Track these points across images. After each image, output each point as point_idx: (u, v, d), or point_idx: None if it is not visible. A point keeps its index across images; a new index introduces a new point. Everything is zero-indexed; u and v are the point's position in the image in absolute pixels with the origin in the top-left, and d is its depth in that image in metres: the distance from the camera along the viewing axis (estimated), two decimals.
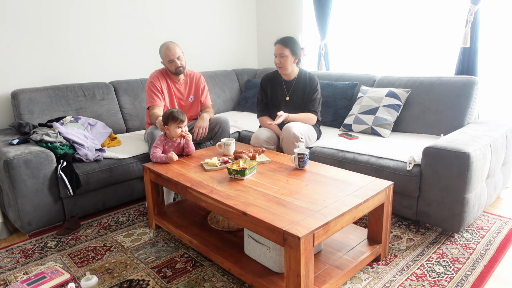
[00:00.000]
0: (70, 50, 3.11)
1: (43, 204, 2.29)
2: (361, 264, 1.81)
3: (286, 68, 2.66)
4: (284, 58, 2.62)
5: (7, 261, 2.08)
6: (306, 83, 2.71)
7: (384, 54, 3.44)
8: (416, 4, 3.13)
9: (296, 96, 2.73)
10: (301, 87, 2.72)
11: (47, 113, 2.81)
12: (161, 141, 2.34)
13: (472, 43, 2.73)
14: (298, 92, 2.73)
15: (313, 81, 2.72)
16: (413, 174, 2.13)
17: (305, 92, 2.71)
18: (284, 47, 2.61)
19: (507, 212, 2.42)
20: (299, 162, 2.07)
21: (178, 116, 2.29)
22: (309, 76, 2.73)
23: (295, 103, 2.73)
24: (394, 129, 2.85)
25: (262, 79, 2.85)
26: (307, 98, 2.72)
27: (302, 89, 2.72)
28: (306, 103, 2.72)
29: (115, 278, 1.88)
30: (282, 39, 2.65)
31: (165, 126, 2.32)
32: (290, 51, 2.61)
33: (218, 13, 4.09)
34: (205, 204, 1.82)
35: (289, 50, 2.61)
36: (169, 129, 2.31)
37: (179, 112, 2.31)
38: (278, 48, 2.63)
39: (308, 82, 2.71)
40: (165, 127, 2.32)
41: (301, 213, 1.55)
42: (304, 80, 2.72)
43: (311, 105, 2.71)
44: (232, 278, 1.84)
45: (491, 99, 2.85)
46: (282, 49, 2.61)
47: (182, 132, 2.32)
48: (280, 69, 2.69)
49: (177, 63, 2.70)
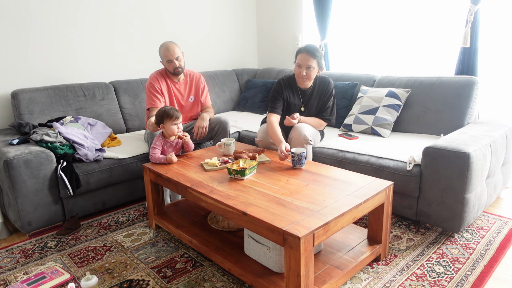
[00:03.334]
0: (70, 50, 3.11)
1: (43, 204, 2.29)
2: (361, 264, 1.81)
3: (311, 80, 2.48)
4: (311, 70, 2.40)
5: (7, 261, 2.08)
6: (321, 90, 2.56)
7: (384, 54, 3.44)
8: (416, 4, 3.13)
9: (311, 106, 2.59)
10: (317, 96, 2.57)
11: (47, 113, 2.81)
12: (159, 141, 2.33)
13: (472, 43, 2.73)
14: (314, 101, 2.58)
15: (328, 86, 2.55)
16: (413, 174, 2.13)
17: (320, 99, 2.58)
18: (312, 58, 2.37)
19: (507, 212, 2.42)
20: (292, 161, 2.08)
21: (172, 113, 2.28)
22: (325, 81, 2.56)
23: (309, 112, 2.60)
24: (394, 129, 2.85)
25: (280, 84, 2.57)
26: (321, 105, 2.59)
27: (319, 98, 2.58)
28: (320, 108, 2.59)
29: (115, 278, 1.88)
30: (309, 49, 2.38)
31: (161, 124, 2.32)
32: (317, 63, 2.40)
33: (218, 13, 4.09)
34: (205, 204, 1.82)
35: (317, 62, 2.39)
36: (165, 127, 2.31)
37: (173, 109, 2.31)
38: (305, 58, 2.37)
39: (323, 88, 2.56)
40: (161, 125, 2.32)
41: (301, 213, 1.55)
42: (319, 87, 2.56)
43: (325, 112, 2.58)
44: (232, 278, 1.84)
45: (491, 99, 2.85)
46: (310, 61, 2.37)
47: (179, 133, 2.31)
48: (303, 80, 2.46)
49: (175, 64, 2.70)
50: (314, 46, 2.43)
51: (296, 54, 2.46)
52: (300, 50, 2.43)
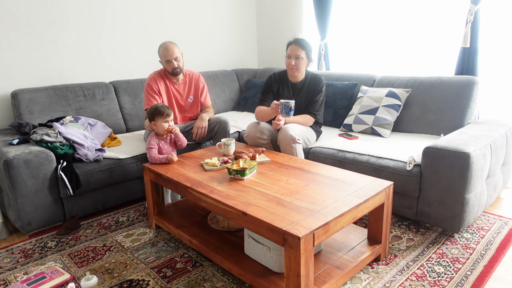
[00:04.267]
0: (70, 50, 3.11)
1: (43, 204, 2.29)
2: (361, 264, 1.81)
3: (300, 71, 2.58)
4: (299, 60, 2.54)
5: (7, 261, 2.08)
6: (312, 85, 2.65)
7: (384, 54, 3.44)
8: (416, 4, 3.13)
9: (301, 99, 2.68)
10: (307, 90, 2.67)
11: (47, 113, 2.81)
12: (153, 140, 2.33)
13: (472, 43, 2.73)
14: (303, 95, 2.68)
15: (319, 83, 2.65)
16: (413, 174, 2.13)
17: (309, 94, 2.67)
18: (301, 49, 2.52)
19: (507, 212, 2.42)
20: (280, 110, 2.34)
21: (163, 110, 2.29)
22: (317, 77, 2.67)
23: (300, 106, 2.67)
24: (394, 129, 2.85)
25: (270, 77, 2.75)
26: (309, 99, 2.67)
27: (308, 92, 2.67)
28: (308, 103, 2.68)
29: (115, 278, 1.88)
30: (299, 40, 2.53)
31: (152, 122, 2.32)
32: (306, 54, 2.54)
33: (218, 13, 4.09)
34: (205, 204, 1.82)
35: (305, 52, 2.53)
36: (156, 125, 2.31)
37: (164, 106, 2.31)
38: (294, 49, 2.52)
39: (314, 84, 2.65)
40: (152, 122, 2.32)
41: (301, 213, 1.55)
42: (309, 82, 2.66)
43: (311, 107, 2.67)
44: (232, 278, 1.84)
45: (491, 99, 2.85)
46: (299, 51, 2.52)
47: (168, 127, 2.31)
48: (292, 70, 2.59)
49: (174, 64, 2.70)
50: (304, 39, 2.59)
51: (287, 47, 2.61)
52: (290, 42, 2.59)
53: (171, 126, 2.33)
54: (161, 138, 2.36)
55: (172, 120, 2.35)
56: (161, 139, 2.36)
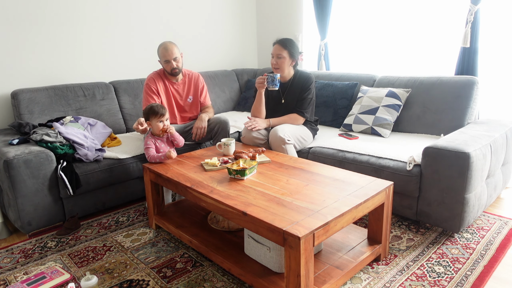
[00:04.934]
0: (70, 50, 3.11)
1: (43, 204, 2.29)
2: (361, 264, 1.81)
3: (282, 70, 2.62)
4: (281, 60, 2.59)
5: (7, 261, 2.08)
6: (301, 83, 2.66)
7: (384, 54, 3.44)
8: (416, 4, 3.13)
9: (291, 98, 2.69)
10: (295, 88, 2.68)
11: (47, 113, 2.81)
12: (150, 140, 2.33)
13: (472, 43, 2.73)
14: (292, 94, 2.68)
15: (307, 81, 2.66)
16: (413, 174, 2.13)
17: (298, 92, 2.67)
18: (282, 48, 2.58)
19: (507, 212, 2.42)
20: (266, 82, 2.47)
21: (158, 110, 2.29)
22: (305, 76, 2.68)
23: (289, 105, 2.70)
24: (394, 129, 2.85)
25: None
26: (298, 97, 2.67)
27: (296, 90, 2.67)
28: (296, 102, 2.68)
29: (115, 278, 1.88)
30: (281, 40, 2.61)
31: (147, 121, 2.32)
32: (288, 53, 2.58)
33: (218, 13, 4.09)
34: (205, 204, 1.82)
35: (288, 52, 2.58)
36: (151, 125, 2.32)
37: (159, 106, 2.32)
38: (277, 48, 2.59)
39: (302, 82, 2.66)
40: (147, 122, 2.32)
41: (301, 213, 1.55)
42: (298, 81, 2.67)
43: (299, 105, 2.66)
44: (232, 278, 1.84)
45: (491, 99, 2.85)
46: (280, 50, 2.58)
47: (164, 127, 2.32)
48: (275, 70, 2.64)
49: (173, 64, 2.70)
50: (288, 38, 2.65)
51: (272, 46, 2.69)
52: (274, 42, 2.65)
53: (166, 126, 2.33)
54: (157, 138, 2.36)
55: (168, 119, 2.36)
56: (157, 138, 2.36)
